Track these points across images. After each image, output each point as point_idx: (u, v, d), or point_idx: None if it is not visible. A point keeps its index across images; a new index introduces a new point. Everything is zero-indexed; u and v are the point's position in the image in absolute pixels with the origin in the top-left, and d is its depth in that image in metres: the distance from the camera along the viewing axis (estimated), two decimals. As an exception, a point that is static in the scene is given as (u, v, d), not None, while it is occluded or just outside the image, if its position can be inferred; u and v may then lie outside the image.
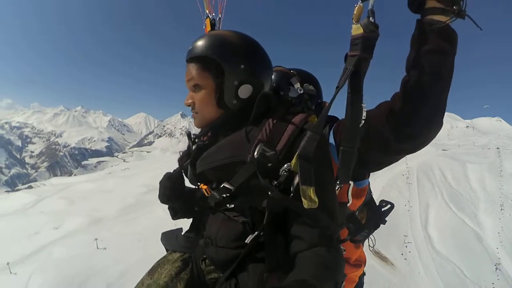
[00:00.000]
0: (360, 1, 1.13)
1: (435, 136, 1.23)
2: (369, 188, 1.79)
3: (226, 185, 1.23)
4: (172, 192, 1.49)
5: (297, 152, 1.10)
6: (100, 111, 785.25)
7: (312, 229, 1.10)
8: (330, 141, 1.41)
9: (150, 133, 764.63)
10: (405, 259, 35.64)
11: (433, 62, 1.12)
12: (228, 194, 1.25)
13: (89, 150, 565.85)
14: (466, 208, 46.71)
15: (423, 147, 1.28)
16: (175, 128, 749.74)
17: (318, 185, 1.08)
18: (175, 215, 1.62)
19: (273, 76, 1.76)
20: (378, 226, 1.86)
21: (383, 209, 1.83)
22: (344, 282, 1.23)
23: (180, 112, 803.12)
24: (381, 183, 54.69)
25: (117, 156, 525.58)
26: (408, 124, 1.18)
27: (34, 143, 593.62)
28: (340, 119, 1.48)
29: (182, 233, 1.66)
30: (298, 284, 0.97)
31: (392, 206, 1.84)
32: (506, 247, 38.15)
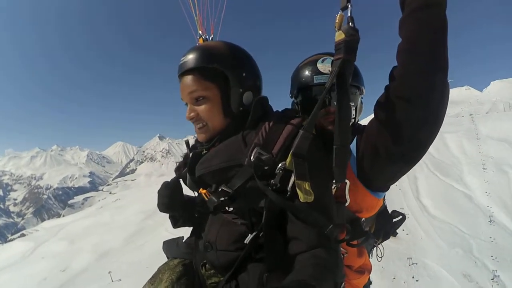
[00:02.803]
0: (340, 10, 1.21)
1: (446, 101, 1.16)
2: (384, 200, 1.78)
3: (225, 188, 1.24)
4: (170, 201, 1.48)
5: (291, 151, 1.13)
6: (76, 147, 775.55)
7: (309, 230, 1.11)
8: (352, 150, 1.41)
9: (131, 160, 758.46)
10: (405, 231, 37.31)
11: (426, 16, 1.10)
12: (226, 197, 1.23)
13: (72, 188, 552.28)
14: (451, 173, 49.00)
15: (438, 119, 1.18)
16: (155, 152, 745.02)
17: (313, 181, 1.10)
18: (176, 223, 1.62)
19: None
20: (388, 237, 1.87)
21: (394, 220, 1.84)
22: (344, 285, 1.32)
23: (158, 135, 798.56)
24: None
25: (102, 190, 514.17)
26: (413, 90, 1.14)
27: (15, 190, 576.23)
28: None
29: (183, 241, 1.66)
30: (297, 285, 0.96)
31: (404, 217, 1.86)
32: (495, 201, 40.52)
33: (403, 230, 37.64)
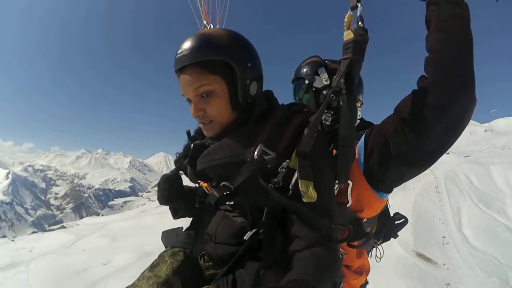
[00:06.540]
0: (350, 10, 1.20)
1: (468, 117, 1.16)
2: (387, 202, 1.79)
3: (226, 184, 1.21)
4: (170, 194, 1.49)
5: (295, 149, 1.10)
6: (120, 153, 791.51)
7: (311, 229, 1.08)
8: (360, 146, 1.42)
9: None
10: (444, 263, 36.95)
11: (451, 27, 1.11)
12: (228, 192, 1.23)
13: (113, 191, 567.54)
14: (494, 206, 47.81)
15: (456, 133, 1.19)
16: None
17: (316, 181, 1.08)
18: (176, 214, 1.62)
19: (306, 67, 1.79)
20: (389, 239, 1.88)
21: (396, 222, 1.83)
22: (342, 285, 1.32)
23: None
24: (413, 194, 55.21)
25: (141, 196, 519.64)
26: (438, 100, 1.14)
27: (58, 185, 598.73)
28: (375, 124, 1.48)
29: (183, 231, 1.62)
30: (297, 284, 0.94)
31: (406, 220, 1.83)
32: (537, 235, 39.12)
33: (444, 264, 38.24)
